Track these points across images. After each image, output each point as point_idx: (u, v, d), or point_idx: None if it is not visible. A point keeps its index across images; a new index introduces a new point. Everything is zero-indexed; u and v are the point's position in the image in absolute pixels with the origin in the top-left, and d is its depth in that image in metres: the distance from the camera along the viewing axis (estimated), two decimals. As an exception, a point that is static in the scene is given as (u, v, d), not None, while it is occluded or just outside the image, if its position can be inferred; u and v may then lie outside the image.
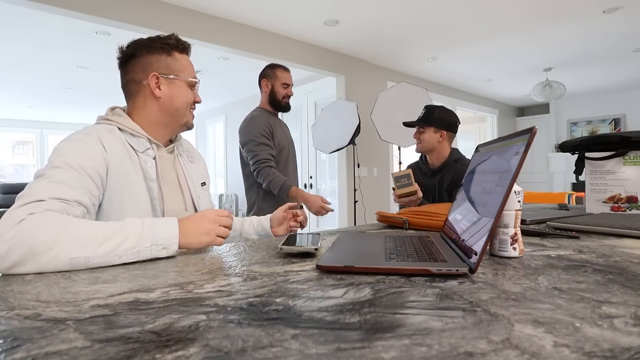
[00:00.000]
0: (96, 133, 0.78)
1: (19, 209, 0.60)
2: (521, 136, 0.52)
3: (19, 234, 0.56)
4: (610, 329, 0.31)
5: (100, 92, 5.44)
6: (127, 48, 0.87)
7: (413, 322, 0.33)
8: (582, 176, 1.19)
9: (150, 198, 0.83)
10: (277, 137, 1.85)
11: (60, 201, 0.65)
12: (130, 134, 0.84)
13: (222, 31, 3.12)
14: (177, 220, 0.68)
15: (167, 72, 0.87)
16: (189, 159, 0.98)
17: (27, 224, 0.57)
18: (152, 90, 0.86)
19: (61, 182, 0.67)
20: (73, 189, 0.68)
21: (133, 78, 0.87)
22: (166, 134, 0.91)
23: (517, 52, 4.14)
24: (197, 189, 0.96)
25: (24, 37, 3.40)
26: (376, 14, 3.12)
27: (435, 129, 1.63)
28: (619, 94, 6.17)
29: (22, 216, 0.58)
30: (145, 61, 0.86)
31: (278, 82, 1.87)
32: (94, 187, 0.73)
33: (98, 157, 0.75)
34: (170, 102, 0.88)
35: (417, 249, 0.61)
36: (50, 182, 0.66)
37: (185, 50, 0.91)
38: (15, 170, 8.33)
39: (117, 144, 0.80)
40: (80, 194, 0.69)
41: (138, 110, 0.88)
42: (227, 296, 0.42)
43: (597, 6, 3.04)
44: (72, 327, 0.33)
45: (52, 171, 0.68)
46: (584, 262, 0.57)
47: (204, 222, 0.70)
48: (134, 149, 0.83)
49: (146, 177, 0.83)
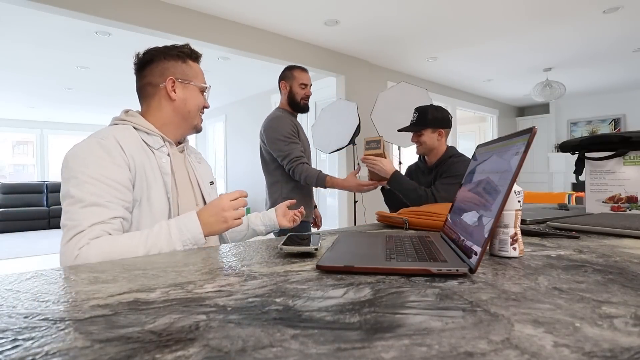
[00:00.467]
0: (113, 134, 0.83)
1: (70, 244, 0.71)
2: (521, 136, 0.52)
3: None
4: (610, 329, 0.31)
5: (100, 92, 5.44)
6: (144, 54, 0.94)
7: (413, 322, 0.33)
8: (582, 176, 1.19)
9: (166, 191, 0.88)
10: (301, 139, 1.87)
11: (98, 224, 0.73)
12: (145, 132, 0.90)
13: (222, 31, 3.12)
14: (196, 214, 0.77)
15: (183, 77, 0.94)
16: (197, 160, 1.05)
17: (82, 261, 0.69)
18: (168, 93, 0.93)
19: (94, 204, 0.74)
20: (106, 207, 0.75)
21: (150, 81, 0.93)
22: (177, 135, 0.98)
23: (517, 52, 4.14)
24: (207, 186, 1.03)
25: (24, 37, 3.40)
26: (376, 14, 3.12)
27: (433, 129, 1.64)
28: (619, 94, 6.18)
29: (75, 252, 0.70)
30: (162, 66, 0.93)
31: (296, 82, 1.86)
32: (125, 194, 0.79)
33: (122, 163, 0.80)
34: (183, 104, 0.94)
35: (417, 249, 0.61)
36: (83, 206, 0.73)
37: (197, 59, 0.99)
38: (15, 170, 8.33)
39: (133, 142, 0.85)
40: (113, 209, 0.76)
41: (153, 111, 0.94)
42: (227, 296, 0.42)
43: (597, 6, 3.04)
44: (72, 327, 0.33)
45: (81, 189, 0.74)
46: (584, 262, 0.57)
47: (219, 212, 0.80)
48: (149, 147, 0.89)
49: (162, 171, 0.88)
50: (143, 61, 0.94)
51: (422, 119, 1.65)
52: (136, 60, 0.95)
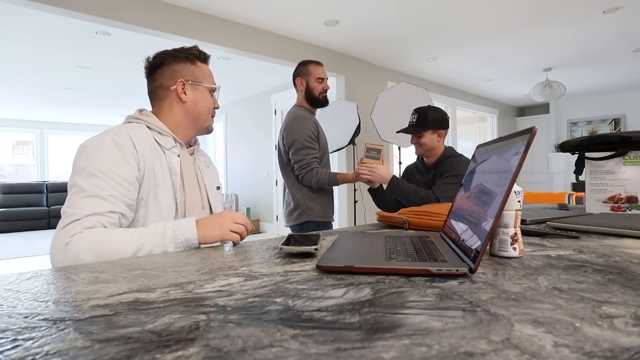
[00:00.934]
0: (127, 131, 0.84)
1: (63, 231, 0.71)
2: (521, 136, 0.52)
3: (67, 259, 0.68)
4: (610, 329, 0.31)
5: (100, 92, 5.44)
6: (154, 58, 0.95)
7: (413, 322, 0.33)
8: (582, 176, 1.19)
9: (174, 191, 0.90)
10: (321, 139, 1.84)
11: (95, 215, 0.74)
12: (158, 132, 0.91)
13: (222, 31, 3.12)
14: (195, 220, 0.77)
15: (193, 78, 0.96)
16: (205, 164, 1.06)
17: (72, 248, 0.69)
18: (178, 95, 0.94)
19: (96, 196, 0.75)
20: (107, 200, 0.76)
21: (161, 84, 0.95)
22: (188, 136, 0.99)
23: (517, 52, 4.14)
24: (213, 190, 1.04)
25: (24, 37, 3.40)
26: (376, 14, 3.12)
27: (433, 130, 1.64)
28: (619, 94, 6.18)
29: (67, 239, 0.70)
30: (172, 69, 0.94)
31: (312, 77, 1.83)
32: (130, 191, 0.80)
33: (132, 161, 0.82)
34: (194, 106, 0.96)
35: (417, 249, 0.61)
36: (84, 196, 0.75)
37: (205, 60, 1.00)
38: (15, 170, 8.33)
39: (146, 141, 0.87)
40: (113, 203, 0.77)
41: (164, 113, 0.95)
42: (227, 296, 0.42)
43: (597, 6, 3.04)
44: (72, 327, 0.33)
45: (87, 181, 0.76)
46: (584, 262, 0.57)
47: (217, 218, 0.79)
48: (161, 146, 0.90)
49: (171, 171, 0.90)
50: (153, 65, 0.95)
51: (422, 120, 1.65)
52: (146, 64, 0.96)
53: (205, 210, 0.99)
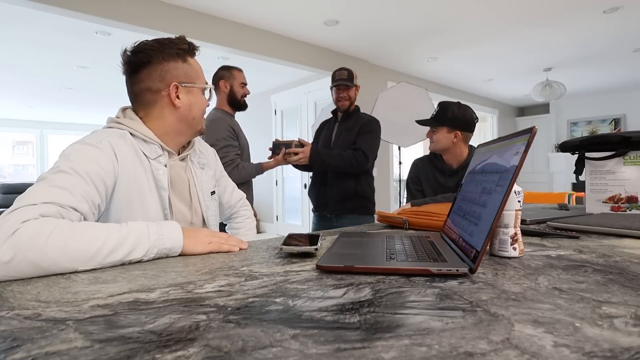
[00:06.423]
0: (108, 139, 0.76)
1: (11, 215, 0.56)
2: (521, 136, 0.52)
3: (17, 247, 0.52)
4: (610, 329, 0.31)
5: (100, 92, 5.44)
6: (140, 54, 0.81)
7: (413, 322, 0.33)
8: (582, 176, 1.19)
9: (162, 207, 0.82)
10: (240, 139, 1.91)
11: (55, 205, 0.61)
12: (143, 139, 0.81)
13: (222, 31, 3.12)
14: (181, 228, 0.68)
15: (186, 80, 0.84)
16: (200, 166, 0.96)
17: (23, 235, 0.53)
18: (172, 101, 0.83)
19: (61, 187, 0.64)
20: (72, 194, 0.65)
21: (149, 87, 0.82)
22: (179, 142, 0.90)
23: (517, 52, 4.14)
24: (207, 198, 0.95)
25: (24, 37, 3.40)
26: (376, 14, 3.12)
27: (449, 129, 1.51)
28: (619, 94, 6.17)
29: (16, 226, 0.54)
30: (162, 69, 0.82)
31: (236, 82, 1.92)
32: (96, 195, 0.70)
33: (107, 166, 0.73)
34: (188, 111, 0.86)
35: (417, 249, 0.61)
36: (50, 185, 0.64)
37: (195, 54, 0.89)
38: (15, 171, 8.33)
39: (128, 150, 0.78)
40: (78, 200, 0.66)
41: (153, 120, 0.84)
42: (227, 296, 0.42)
43: (597, 6, 3.04)
44: (72, 327, 0.33)
45: (55, 175, 0.66)
46: (584, 262, 0.56)
47: (204, 232, 0.71)
48: (145, 156, 0.81)
49: (158, 185, 0.81)
50: (138, 63, 0.81)
51: (440, 115, 1.53)
52: (127, 60, 0.82)
53: (196, 223, 0.91)
